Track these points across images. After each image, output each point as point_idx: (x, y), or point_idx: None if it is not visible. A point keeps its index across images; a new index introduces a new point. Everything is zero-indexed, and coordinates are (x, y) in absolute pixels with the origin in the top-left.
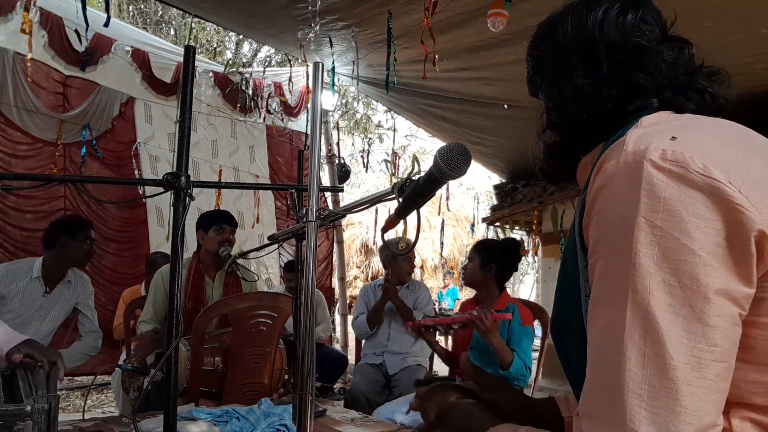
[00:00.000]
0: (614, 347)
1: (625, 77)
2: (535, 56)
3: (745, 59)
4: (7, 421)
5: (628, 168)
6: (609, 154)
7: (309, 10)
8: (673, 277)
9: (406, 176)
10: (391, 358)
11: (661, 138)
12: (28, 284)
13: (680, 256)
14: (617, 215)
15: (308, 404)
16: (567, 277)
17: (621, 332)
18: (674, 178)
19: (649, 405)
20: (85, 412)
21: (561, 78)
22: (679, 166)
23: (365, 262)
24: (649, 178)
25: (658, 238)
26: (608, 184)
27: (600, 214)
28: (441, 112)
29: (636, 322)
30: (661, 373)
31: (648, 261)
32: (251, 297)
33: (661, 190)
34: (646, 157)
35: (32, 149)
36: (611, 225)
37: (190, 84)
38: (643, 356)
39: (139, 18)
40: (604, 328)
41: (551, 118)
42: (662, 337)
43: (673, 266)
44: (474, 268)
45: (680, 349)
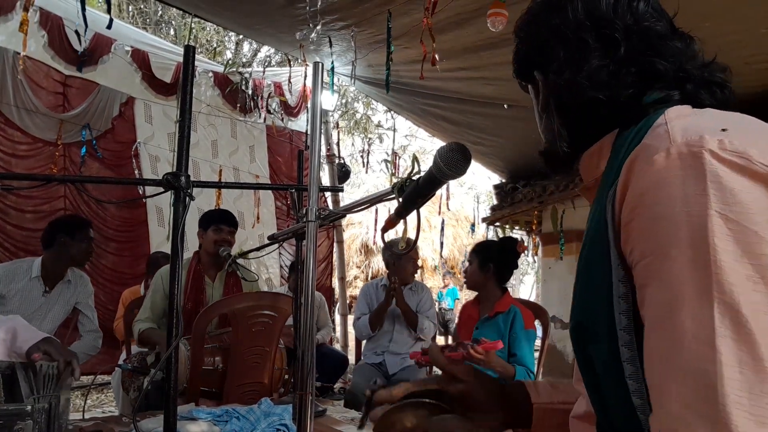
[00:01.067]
0: (703, 353)
1: (644, 62)
2: (535, 33)
3: (745, 59)
4: (7, 420)
5: (685, 160)
6: (648, 146)
7: (309, 10)
8: (756, 273)
9: (406, 176)
10: (392, 358)
11: (712, 129)
12: (27, 284)
13: (760, 249)
14: (680, 211)
15: (308, 404)
16: (592, 277)
17: (710, 336)
18: (738, 170)
19: (753, 414)
20: (85, 411)
21: (576, 58)
22: (741, 157)
23: (365, 262)
24: (713, 170)
25: (734, 233)
26: (663, 177)
27: (655, 211)
28: (441, 112)
29: (726, 324)
30: (760, 378)
31: (728, 257)
32: (251, 297)
33: (728, 182)
34: (705, 147)
35: (32, 149)
36: (674, 222)
37: (190, 84)
38: (739, 360)
39: (139, 18)
40: (686, 333)
41: (559, 101)
42: (755, 339)
43: (755, 261)
44: (474, 270)
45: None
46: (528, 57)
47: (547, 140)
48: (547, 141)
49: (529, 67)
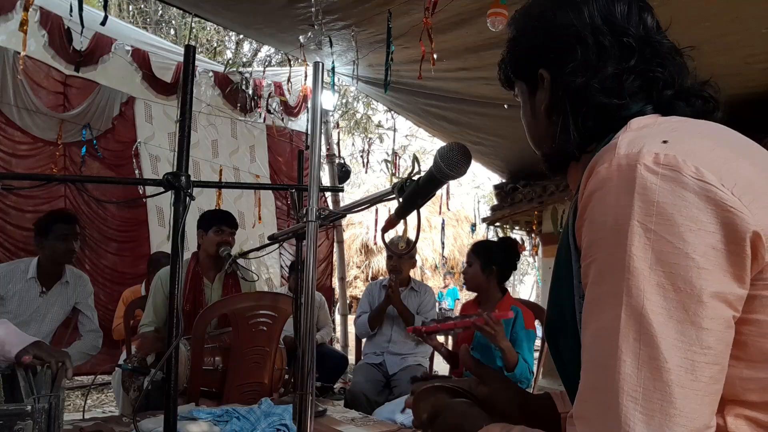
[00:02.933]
0: (609, 350)
1: (649, 74)
2: (545, 30)
3: (745, 59)
4: (8, 420)
5: (621, 171)
6: (600, 157)
7: (309, 10)
8: (666, 281)
9: (406, 176)
10: (392, 358)
11: (653, 141)
12: (24, 285)
13: (674, 259)
14: (610, 219)
15: (308, 404)
16: (560, 278)
17: (616, 335)
18: (667, 181)
19: (643, 407)
20: (85, 411)
21: (593, 61)
22: (672, 169)
23: (365, 262)
24: (642, 182)
25: (652, 242)
26: (601, 187)
27: (593, 218)
28: (441, 112)
29: (630, 325)
30: (655, 375)
31: (642, 264)
32: (251, 297)
33: (654, 194)
34: (640, 161)
35: (32, 149)
36: (605, 228)
37: (190, 84)
38: (638, 359)
39: (139, 18)
40: (599, 331)
41: (573, 102)
42: (656, 340)
43: (667, 270)
44: (475, 272)
45: (674, 352)
46: (534, 53)
47: (544, 142)
48: (546, 143)
49: (532, 64)
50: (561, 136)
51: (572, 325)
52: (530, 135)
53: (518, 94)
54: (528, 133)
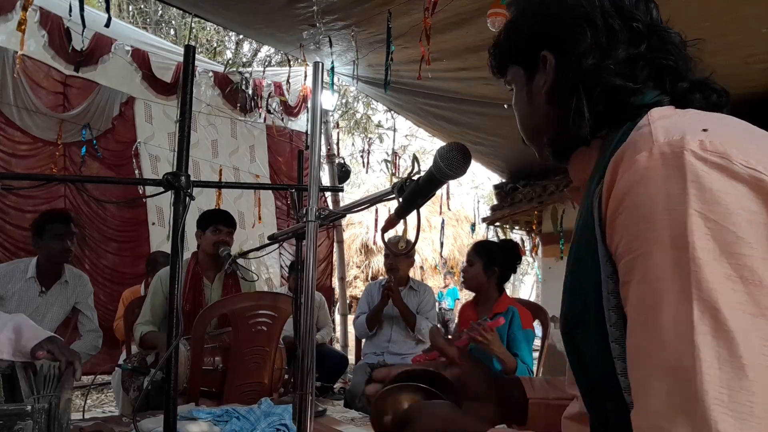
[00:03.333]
0: (682, 350)
1: (659, 62)
2: (550, 10)
3: (745, 59)
4: (8, 420)
5: (667, 159)
6: (633, 145)
7: (309, 10)
8: (734, 273)
9: (406, 176)
10: (392, 358)
11: (693, 129)
12: (24, 285)
13: (738, 249)
14: (661, 210)
15: (308, 404)
16: (583, 274)
17: (690, 333)
18: (718, 169)
19: (732, 410)
20: (85, 411)
21: (604, 44)
22: (722, 157)
23: (365, 262)
24: (693, 169)
25: (713, 232)
26: (644, 176)
27: (637, 209)
28: (441, 112)
29: (706, 321)
30: (739, 375)
31: (707, 255)
32: (251, 297)
33: (708, 182)
34: (686, 148)
35: (32, 149)
36: (655, 219)
37: (190, 84)
38: (718, 358)
39: (139, 18)
40: (666, 330)
41: (585, 85)
42: (734, 336)
43: (733, 261)
44: (477, 273)
45: (753, 349)
46: (537, 35)
47: (541, 130)
48: (545, 130)
49: (534, 47)
50: (573, 119)
51: (596, 319)
52: (525, 123)
53: (511, 82)
54: (522, 122)
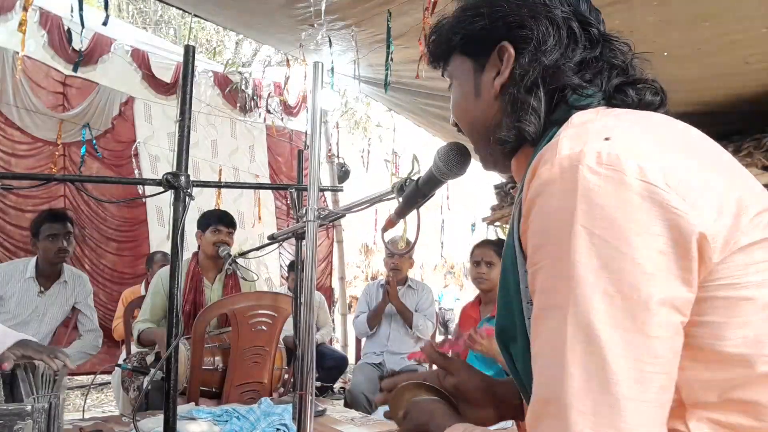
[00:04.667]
0: (557, 363)
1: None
2: (511, 6)
3: (745, 59)
4: (8, 420)
5: (564, 173)
6: (542, 157)
7: (309, 10)
8: (613, 288)
9: (405, 176)
10: (391, 358)
11: (595, 139)
12: (23, 285)
13: (620, 265)
14: (554, 224)
15: (308, 404)
16: (508, 282)
17: (563, 347)
18: (611, 182)
19: (593, 422)
20: (85, 411)
21: (564, 44)
22: (615, 170)
23: (365, 262)
24: (585, 184)
25: (597, 247)
26: (543, 190)
27: (537, 222)
28: (441, 112)
29: (578, 336)
30: (604, 389)
31: (587, 271)
32: (251, 297)
33: (598, 197)
34: (582, 162)
35: (32, 149)
36: (548, 234)
37: (189, 83)
38: (587, 372)
39: (139, 18)
40: (546, 342)
41: (546, 80)
42: (604, 352)
43: (613, 276)
44: (497, 274)
45: (623, 363)
46: (495, 26)
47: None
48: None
49: (492, 38)
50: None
51: (522, 331)
52: (469, 117)
53: (453, 73)
54: (464, 116)
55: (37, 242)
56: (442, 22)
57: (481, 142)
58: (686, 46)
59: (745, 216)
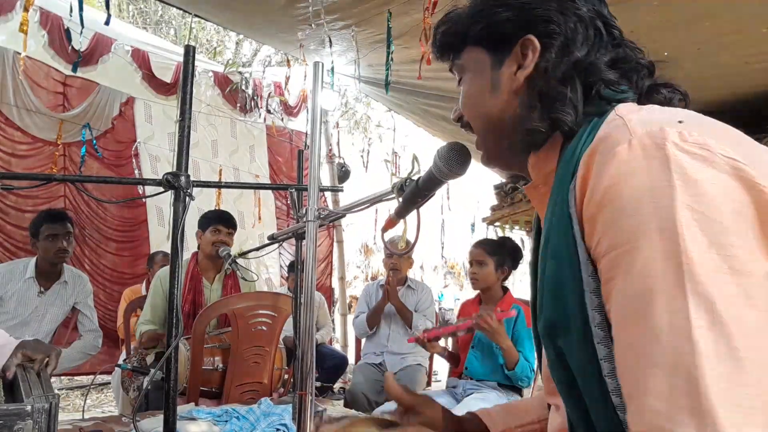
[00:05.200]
0: (681, 346)
1: (638, 62)
2: (546, 1)
3: (745, 59)
4: (8, 420)
5: (648, 151)
6: (607, 139)
7: (309, 10)
8: (724, 264)
9: (405, 176)
10: (391, 358)
11: (669, 121)
12: (23, 285)
13: (726, 240)
14: (647, 202)
15: (308, 404)
16: (561, 273)
17: (687, 327)
18: (701, 160)
19: (736, 405)
20: (85, 411)
21: (592, 41)
22: (702, 148)
23: (365, 262)
24: (677, 160)
25: (701, 223)
26: (627, 169)
27: (621, 203)
28: (441, 112)
29: (701, 315)
30: (739, 368)
31: (697, 247)
32: (251, 297)
33: (693, 173)
34: (668, 139)
35: (32, 149)
36: (642, 213)
37: (190, 84)
38: (718, 352)
39: (139, 18)
40: (661, 325)
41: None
42: (730, 329)
43: (722, 252)
44: (489, 272)
45: (748, 341)
46: (520, 19)
47: (502, 121)
48: (508, 122)
49: (517, 31)
50: (562, 109)
51: (579, 321)
52: (480, 112)
53: (465, 66)
54: (477, 111)
55: (36, 242)
56: (457, 11)
57: (493, 136)
58: (686, 46)
59: None
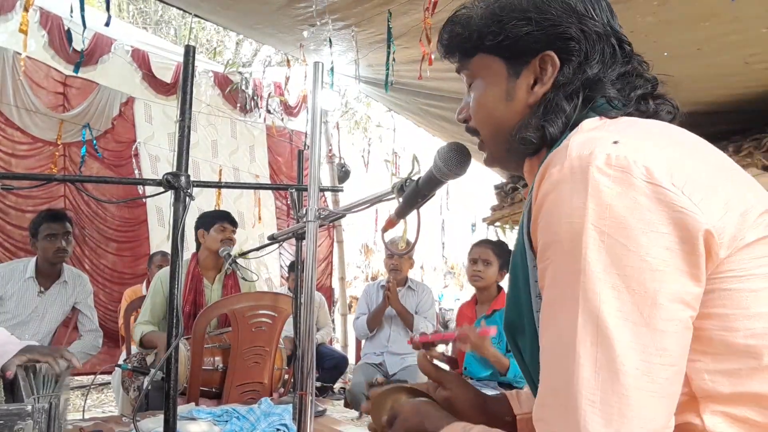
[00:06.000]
0: (566, 354)
1: (643, 76)
2: (554, 16)
3: (745, 59)
4: (8, 420)
5: (574, 174)
6: (553, 158)
7: (309, 10)
8: (621, 283)
9: (405, 176)
10: (392, 358)
11: (604, 142)
12: (23, 285)
13: (628, 262)
14: (564, 222)
15: (308, 404)
16: (517, 277)
17: (573, 339)
18: (619, 183)
19: (601, 411)
20: (85, 411)
21: (605, 58)
22: (623, 171)
23: (365, 263)
24: (595, 184)
25: (606, 245)
26: (554, 189)
27: (547, 220)
28: (441, 112)
29: (587, 329)
30: (612, 378)
31: (597, 267)
32: (251, 297)
33: (607, 196)
34: (592, 163)
35: (32, 149)
36: (559, 231)
37: (190, 84)
38: (595, 362)
39: (139, 18)
40: (556, 335)
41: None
42: (613, 343)
43: (621, 272)
44: (493, 272)
45: (631, 355)
46: (545, 35)
47: (508, 129)
48: (514, 130)
49: (537, 45)
50: (553, 120)
51: (531, 324)
52: (492, 119)
53: (476, 71)
54: (485, 117)
55: (36, 242)
56: (469, 14)
57: (499, 141)
58: (686, 46)
59: (751, 214)
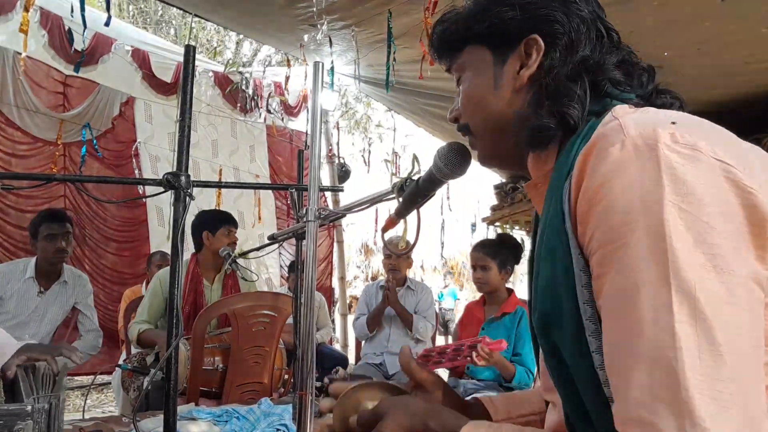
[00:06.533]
0: (662, 339)
1: (640, 65)
2: (542, 3)
3: (745, 59)
4: (8, 420)
5: (640, 151)
6: (602, 138)
7: (309, 10)
8: (708, 262)
9: (405, 176)
10: (392, 358)
11: (663, 122)
12: (23, 285)
13: (711, 239)
14: (637, 200)
15: (308, 404)
16: (554, 267)
17: (669, 322)
18: (690, 160)
19: (713, 399)
20: (85, 411)
21: (595, 43)
22: (693, 149)
23: (365, 262)
24: (667, 161)
25: (687, 222)
26: (619, 168)
27: (612, 201)
28: (441, 112)
29: (684, 310)
30: (717, 362)
31: (683, 245)
32: (251, 297)
33: (682, 173)
34: (660, 140)
35: (32, 149)
36: (632, 211)
37: (190, 84)
38: (698, 346)
39: (139, 17)
40: (645, 319)
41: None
42: (712, 324)
43: (707, 251)
44: (494, 275)
45: (729, 337)
46: (525, 17)
47: (502, 119)
48: (509, 119)
49: (520, 29)
50: (571, 105)
51: (571, 314)
52: (482, 110)
53: (465, 63)
54: (475, 109)
55: (35, 242)
56: (454, 12)
57: (494, 134)
58: (686, 46)
59: None
